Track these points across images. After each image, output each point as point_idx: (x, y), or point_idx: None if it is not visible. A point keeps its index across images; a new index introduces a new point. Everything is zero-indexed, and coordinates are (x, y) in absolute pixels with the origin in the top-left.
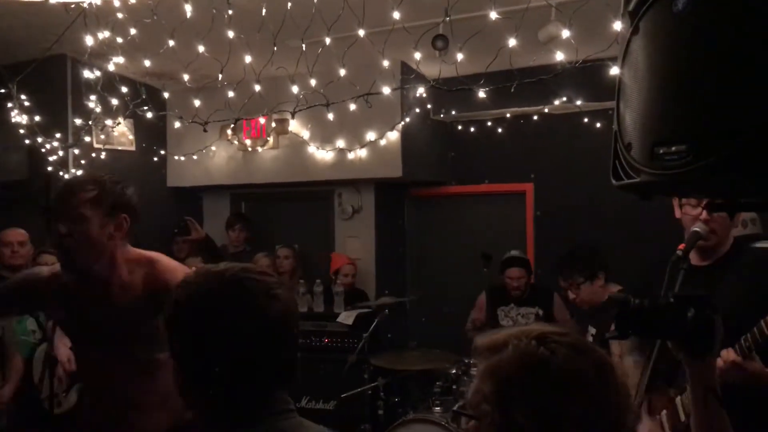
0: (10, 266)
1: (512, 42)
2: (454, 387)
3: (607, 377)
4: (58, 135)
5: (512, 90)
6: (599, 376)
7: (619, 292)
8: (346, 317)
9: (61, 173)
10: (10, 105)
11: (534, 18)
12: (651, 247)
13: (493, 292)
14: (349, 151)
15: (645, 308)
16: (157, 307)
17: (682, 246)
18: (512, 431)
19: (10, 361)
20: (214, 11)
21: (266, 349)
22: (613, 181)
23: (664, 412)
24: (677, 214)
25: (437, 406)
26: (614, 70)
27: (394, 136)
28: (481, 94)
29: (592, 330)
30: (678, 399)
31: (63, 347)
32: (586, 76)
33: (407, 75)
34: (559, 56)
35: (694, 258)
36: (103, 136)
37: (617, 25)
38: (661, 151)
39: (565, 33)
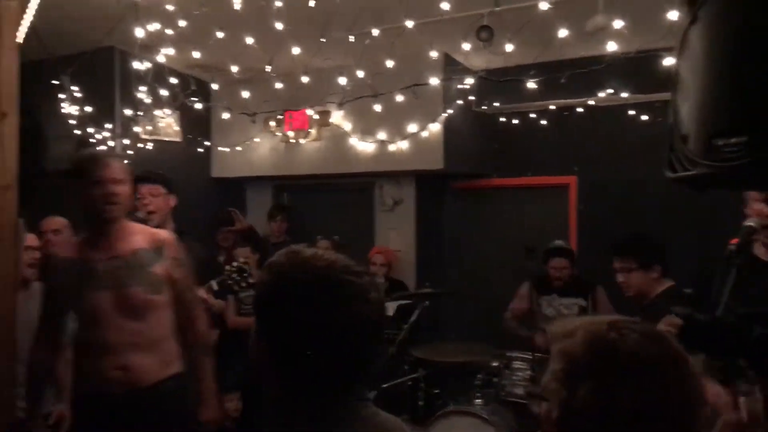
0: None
1: (563, 33)
2: (495, 380)
3: (677, 367)
4: (108, 126)
5: (562, 81)
6: (669, 364)
7: (672, 288)
8: (387, 308)
9: None
10: (61, 96)
11: (582, 8)
12: (700, 241)
13: (537, 282)
14: (391, 143)
15: (709, 325)
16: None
17: (734, 241)
18: (575, 407)
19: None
20: (263, 3)
21: (355, 345)
22: (668, 174)
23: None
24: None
25: (478, 399)
26: (668, 61)
27: (436, 128)
28: (531, 85)
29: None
30: (741, 400)
31: None
32: (632, 67)
33: (451, 66)
34: (611, 47)
35: (762, 252)
36: (149, 127)
37: (673, 15)
38: (720, 143)
39: (618, 23)
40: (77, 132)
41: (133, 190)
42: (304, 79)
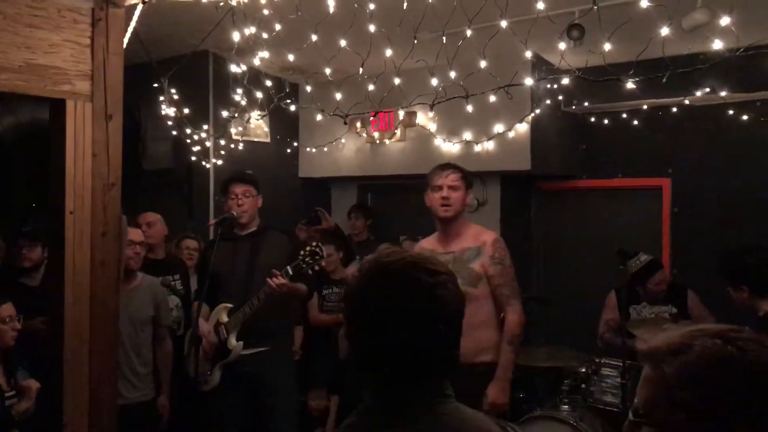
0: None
1: (665, 31)
2: (583, 386)
3: None
4: (204, 127)
5: (664, 81)
6: None
7: None
8: None
9: (203, 163)
10: (161, 98)
11: (681, 4)
12: None
13: (624, 291)
14: (476, 143)
15: None
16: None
17: None
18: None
19: (161, 346)
20: (356, 6)
21: (436, 338)
22: None
23: None
24: None
25: (565, 405)
26: None
27: (523, 128)
28: (630, 84)
29: None
30: None
31: (204, 323)
32: (732, 65)
33: (540, 65)
34: (717, 45)
35: None
36: (240, 129)
37: None
38: None
39: (724, 20)
40: (174, 133)
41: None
42: (396, 81)
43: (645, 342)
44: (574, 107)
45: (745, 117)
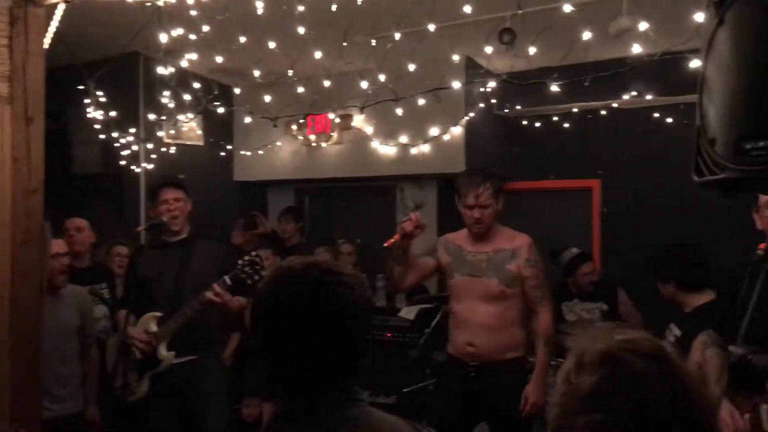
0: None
1: (587, 35)
2: None
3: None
4: (131, 130)
5: (586, 84)
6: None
7: (711, 303)
8: (408, 312)
9: (132, 167)
10: (87, 101)
11: (605, 10)
12: (728, 246)
13: (557, 289)
14: (412, 146)
15: (760, 367)
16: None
17: (762, 246)
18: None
19: (88, 357)
20: (285, 7)
21: (339, 339)
22: (695, 178)
23: (747, 415)
24: (759, 224)
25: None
26: (695, 63)
27: (457, 131)
28: (554, 88)
29: (676, 330)
30: (764, 407)
31: (133, 328)
32: (656, 69)
33: (472, 69)
34: (636, 49)
35: None
36: (172, 132)
37: (699, 17)
38: (748, 147)
39: (642, 25)
40: (102, 136)
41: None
42: (326, 83)
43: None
44: (506, 110)
45: (669, 119)
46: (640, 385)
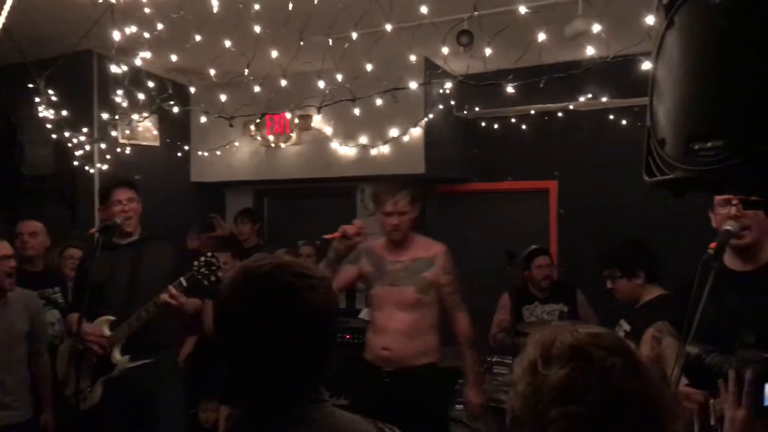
0: (22, 257)
1: (541, 37)
2: None
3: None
4: (85, 130)
5: (541, 85)
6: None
7: (664, 297)
8: (368, 313)
9: (86, 168)
10: (37, 100)
11: (561, 13)
12: (681, 245)
13: (517, 292)
14: (372, 147)
15: (713, 366)
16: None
17: (713, 245)
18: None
19: (38, 363)
20: (241, 6)
21: (304, 341)
22: (646, 178)
23: (696, 408)
24: (713, 223)
25: (459, 404)
26: (646, 65)
27: (417, 132)
28: (510, 89)
29: (625, 325)
30: (711, 402)
31: (89, 326)
32: (611, 72)
33: (432, 70)
34: (590, 51)
35: (734, 263)
36: (128, 132)
37: (650, 19)
38: (696, 147)
39: (595, 28)
40: (54, 136)
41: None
42: (283, 83)
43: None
44: (465, 112)
45: (624, 122)
46: (611, 379)
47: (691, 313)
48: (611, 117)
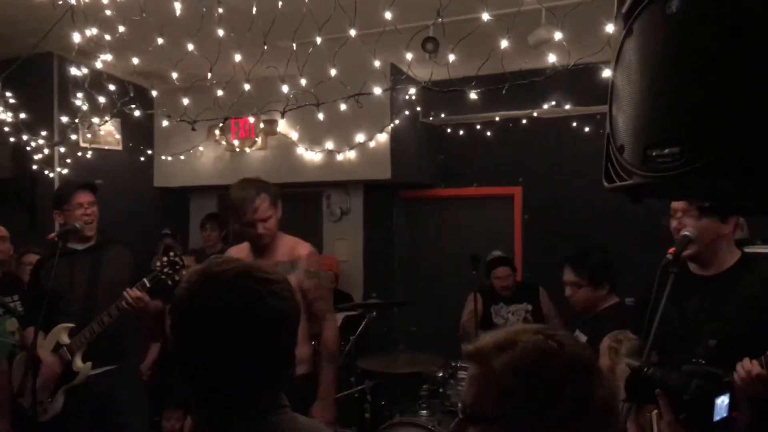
0: None
1: (504, 44)
2: (440, 390)
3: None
4: (44, 133)
5: (503, 92)
6: (599, 370)
7: (619, 305)
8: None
9: (46, 172)
10: None
11: (525, 21)
12: (641, 251)
13: (483, 293)
14: (338, 152)
15: (654, 379)
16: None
17: (672, 250)
18: (547, 424)
19: None
20: (204, 10)
21: (267, 349)
22: (605, 184)
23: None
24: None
25: (424, 410)
26: (606, 73)
27: (383, 138)
28: (473, 96)
29: (582, 336)
30: (653, 413)
31: (43, 351)
32: (574, 80)
33: (397, 77)
34: (551, 59)
35: (696, 268)
36: (89, 135)
37: (610, 28)
38: (654, 154)
39: (557, 36)
40: (12, 139)
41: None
42: (246, 87)
43: (470, 344)
44: (431, 118)
45: (587, 129)
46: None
47: (650, 319)
48: (574, 124)
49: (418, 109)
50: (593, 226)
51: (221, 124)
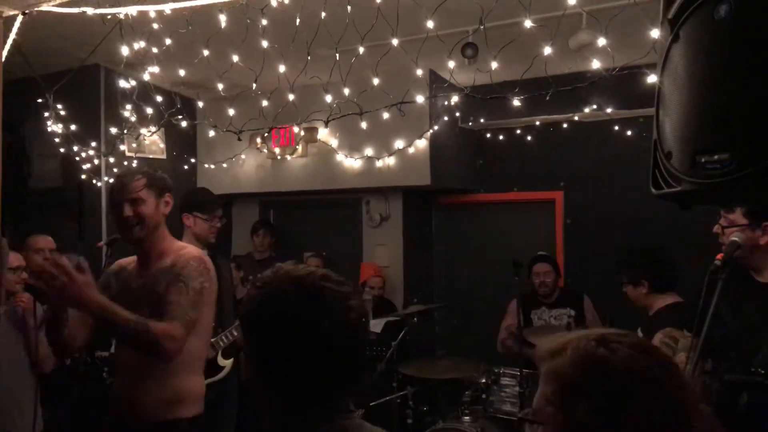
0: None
1: (547, 50)
2: (483, 396)
3: (670, 377)
4: (93, 144)
5: (547, 98)
6: (663, 374)
7: (677, 305)
8: (375, 325)
9: (94, 181)
10: (46, 114)
11: (566, 25)
12: (688, 256)
13: (525, 298)
14: (378, 159)
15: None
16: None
17: (720, 256)
18: (575, 429)
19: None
20: (248, 21)
21: (337, 355)
22: (653, 191)
23: None
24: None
25: (466, 416)
26: (652, 78)
27: (422, 144)
28: (516, 102)
29: (641, 334)
30: None
31: None
32: (616, 83)
33: (437, 83)
34: (596, 64)
35: (755, 273)
36: (135, 145)
37: (655, 33)
38: (703, 160)
39: (601, 41)
40: (62, 150)
41: None
42: (290, 97)
43: (538, 347)
44: (470, 123)
45: (629, 132)
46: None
47: (699, 325)
48: (616, 128)
49: (457, 114)
50: (637, 229)
51: (266, 134)
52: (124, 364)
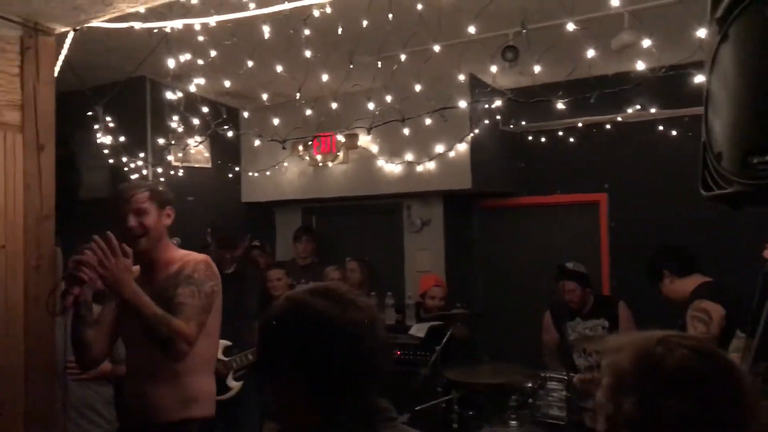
0: None
1: (591, 53)
2: (530, 401)
3: (726, 381)
4: (140, 154)
5: (591, 101)
6: (718, 378)
7: (705, 284)
8: (419, 329)
9: None
10: (96, 126)
11: (608, 26)
12: (738, 257)
13: (558, 309)
14: (418, 164)
15: None
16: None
17: None
18: (619, 421)
19: None
20: (291, 32)
21: (360, 357)
22: (703, 192)
23: None
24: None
25: (513, 420)
26: (699, 78)
27: (463, 147)
28: (560, 105)
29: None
30: None
31: None
32: (660, 83)
33: (478, 87)
34: (640, 65)
35: None
36: (180, 154)
37: (701, 32)
38: (755, 161)
39: (646, 42)
40: (111, 161)
41: None
42: (333, 105)
43: (605, 343)
44: (512, 126)
45: (674, 132)
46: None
47: (751, 330)
48: (660, 128)
49: (498, 117)
50: (684, 230)
51: (310, 142)
52: (137, 366)
